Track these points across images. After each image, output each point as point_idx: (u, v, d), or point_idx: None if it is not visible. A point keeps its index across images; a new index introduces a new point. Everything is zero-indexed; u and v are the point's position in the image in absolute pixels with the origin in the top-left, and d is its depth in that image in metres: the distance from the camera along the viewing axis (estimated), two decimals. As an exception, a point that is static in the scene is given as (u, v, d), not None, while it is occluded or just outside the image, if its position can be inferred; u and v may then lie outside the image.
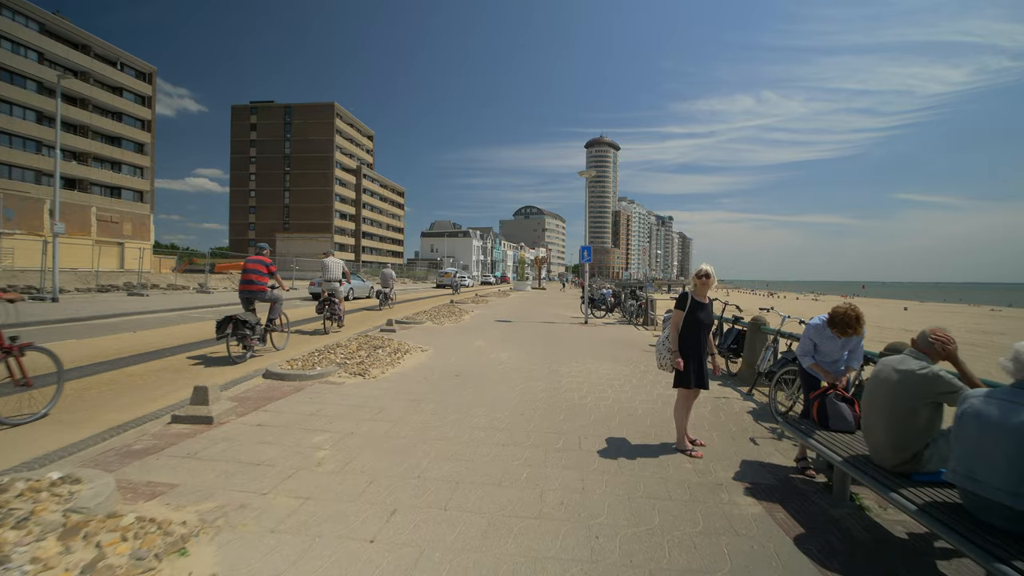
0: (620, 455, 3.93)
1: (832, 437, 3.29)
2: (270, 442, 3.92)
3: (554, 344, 10.05)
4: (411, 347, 8.53)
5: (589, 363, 7.95)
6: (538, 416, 4.91)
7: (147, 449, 3.69)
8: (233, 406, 4.61)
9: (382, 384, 6.03)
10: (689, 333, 4.04)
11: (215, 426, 4.24)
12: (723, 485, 3.42)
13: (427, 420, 4.65)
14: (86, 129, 45.77)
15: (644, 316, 14.89)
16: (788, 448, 4.27)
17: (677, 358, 3.97)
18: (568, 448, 4.04)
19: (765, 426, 4.91)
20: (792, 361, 5.17)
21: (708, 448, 4.17)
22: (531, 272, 59.57)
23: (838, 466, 2.95)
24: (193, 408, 4.35)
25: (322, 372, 6.18)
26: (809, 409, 3.68)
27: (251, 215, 77.75)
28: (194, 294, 21.61)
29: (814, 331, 3.72)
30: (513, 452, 3.90)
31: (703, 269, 4.08)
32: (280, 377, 6.00)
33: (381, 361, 7.11)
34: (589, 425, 4.68)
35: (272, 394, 5.37)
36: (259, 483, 3.17)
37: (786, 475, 3.67)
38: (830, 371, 3.76)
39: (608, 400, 5.62)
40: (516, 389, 6.00)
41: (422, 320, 13.07)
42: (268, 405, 4.94)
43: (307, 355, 7.08)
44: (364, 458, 3.66)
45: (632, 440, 4.31)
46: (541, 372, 7.09)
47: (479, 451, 3.89)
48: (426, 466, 3.55)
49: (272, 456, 3.63)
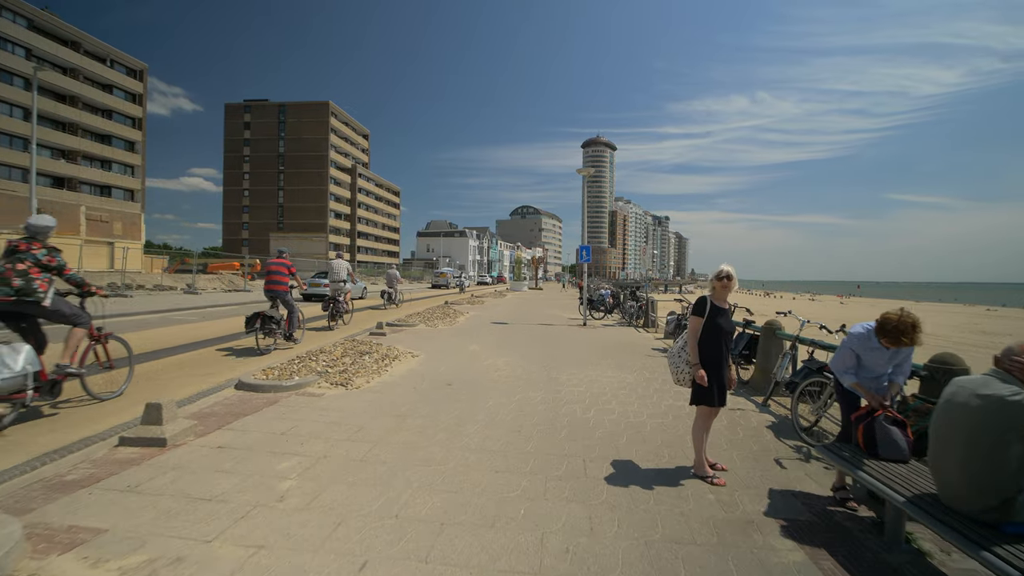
0: (631, 482, 3.43)
1: (885, 468, 2.79)
2: (228, 470, 3.39)
3: (552, 348, 9.55)
4: (401, 352, 8.00)
5: (590, 370, 7.45)
6: (537, 434, 4.41)
7: (81, 480, 3.16)
8: (192, 425, 4.08)
9: (365, 395, 5.51)
10: (710, 342, 3.54)
11: (168, 449, 3.71)
12: (754, 523, 2.93)
13: (412, 440, 4.14)
14: (75, 127, 44.89)
15: (645, 318, 14.41)
16: (819, 472, 3.79)
17: (699, 371, 3.47)
18: (571, 475, 3.53)
19: (788, 444, 4.42)
20: (817, 371, 4.68)
21: (730, 472, 3.68)
22: (528, 272, 59.09)
23: (900, 507, 2.45)
24: (144, 429, 3.82)
25: (300, 382, 5.65)
26: (850, 432, 3.19)
27: (245, 215, 76.88)
28: (181, 295, 20.99)
29: (858, 341, 3.21)
30: (509, 480, 3.40)
31: (724, 270, 3.59)
32: (253, 388, 5.47)
33: (367, 369, 6.58)
34: (594, 445, 4.18)
35: (242, 408, 4.84)
36: (205, 526, 2.65)
37: (824, 508, 3.18)
38: (871, 387, 3.27)
39: (613, 414, 5.12)
40: (512, 401, 5.50)
41: (415, 322, 12.54)
42: (234, 422, 4.41)
43: (286, 362, 6.55)
44: (335, 491, 3.14)
45: (643, 463, 3.81)
46: (539, 380, 6.59)
47: (469, 479, 3.38)
48: (407, 500, 3.04)
49: (227, 489, 3.11)
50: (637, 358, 8.71)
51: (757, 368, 6.59)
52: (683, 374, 3.70)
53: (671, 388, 6.35)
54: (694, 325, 3.58)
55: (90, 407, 4.89)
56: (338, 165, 78.34)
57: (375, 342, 8.71)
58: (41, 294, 4.36)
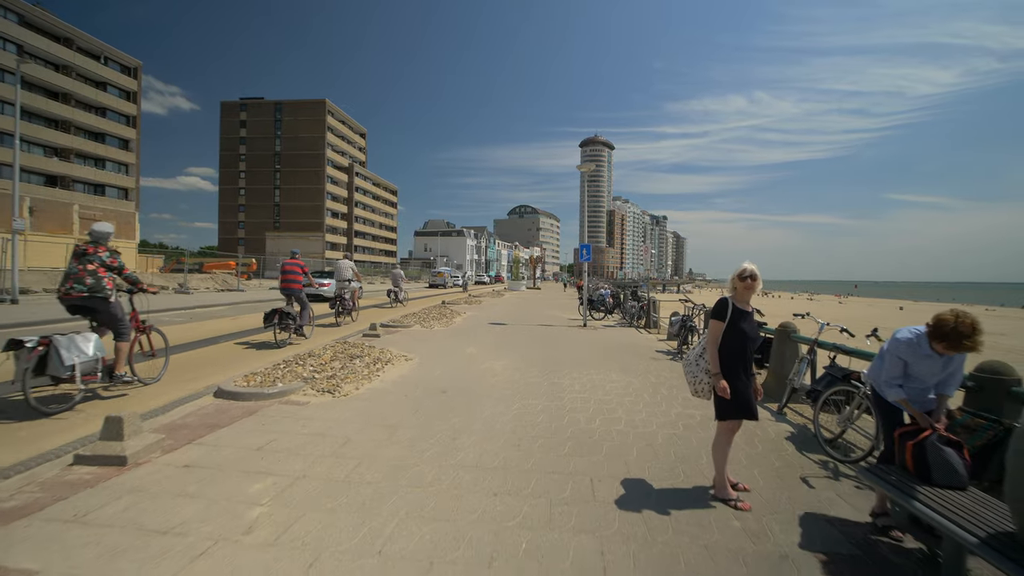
0: (645, 506, 3.06)
1: (943, 498, 2.43)
2: (192, 494, 3.01)
3: (552, 350, 9.17)
4: (394, 356, 7.62)
5: (593, 373, 7.08)
6: (538, 448, 4.03)
7: (22, 507, 2.77)
8: (158, 439, 3.69)
9: (353, 404, 5.13)
10: (733, 349, 3.17)
11: (128, 469, 3.32)
12: (790, 558, 2.56)
13: (401, 456, 3.76)
14: (68, 124, 44.31)
15: (646, 318, 14.05)
16: (851, 492, 3.42)
17: (720, 382, 3.10)
18: (578, 498, 3.16)
19: (812, 459, 4.06)
20: (842, 379, 4.33)
21: (754, 494, 3.31)
22: (526, 272, 58.68)
23: (972, 548, 2.08)
24: (102, 445, 3.43)
25: (284, 389, 5.26)
26: (896, 453, 2.81)
27: (240, 214, 76.24)
28: (173, 295, 20.54)
29: (907, 348, 2.84)
30: (508, 505, 3.02)
31: (748, 269, 3.22)
32: (233, 396, 5.08)
33: (357, 374, 6.20)
34: (601, 461, 3.80)
35: (218, 419, 4.46)
36: (153, 568, 2.27)
37: (865, 537, 2.81)
38: (916, 400, 2.90)
39: (620, 424, 4.75)
40: (511, 409, 5.12)
41: (410, 323, 12.16)
42: (207, 436, 4.02)
43: (270, 367, 6.16)
44: (311, 520, 2.76)
45: (656, 483, 3.44)
46: (540, 386, 6.22)
47: (464, 504, 3.01)
48: (392, 532, 2.66)
49: (188, 517, 2.73)
50: (641, 361, 8.35)
51: (770, 373, 6.24)
52: (702, 385, 3.33)
53: (679, 394, 5.99)
54: (714, 330, 3.20)
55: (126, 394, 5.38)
56: (335, 164, 77.75)
57: (367, 344, 8.33)
58: (108, 291, 4.99)
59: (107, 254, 5.05)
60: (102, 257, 5.00)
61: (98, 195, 46.87)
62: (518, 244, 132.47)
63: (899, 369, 2.89)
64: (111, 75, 47.62)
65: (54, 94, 43.08)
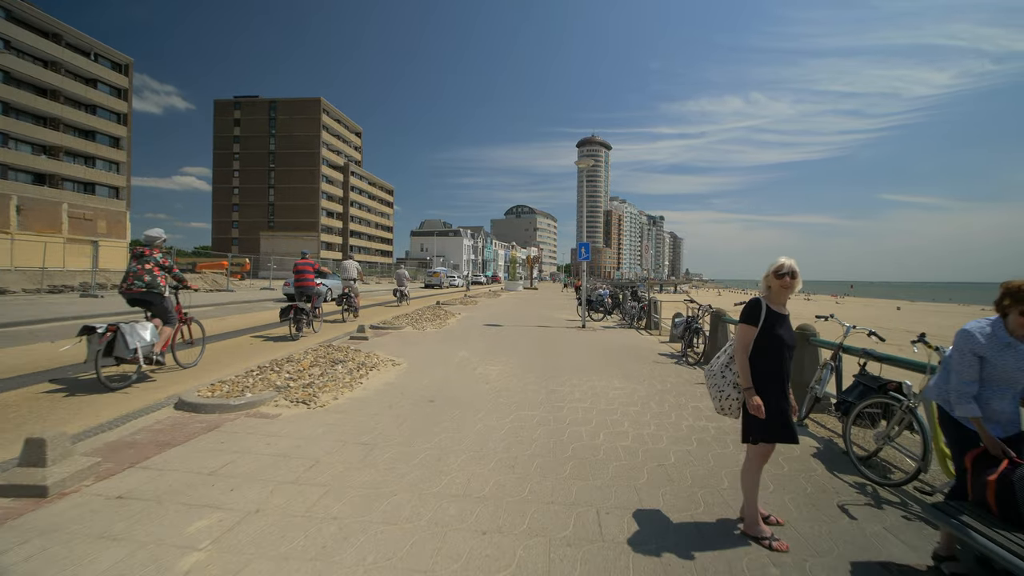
0: (664, 549, 2.55)
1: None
2: (117, 536, 2.48)
3: (550, 354, 8.67)
4: (380, 361, 7.09)
5: (594, 379, 6.58)
6: (535, 470, 3.53)
7: (-101, 557, 2.25)
8: (93, 464, 3.16)
9: (329, 416, 4.60)
10: (767, 360, 2.67)
11: (49, 501, 2.80)
12: (847, 621, 2.06)
13: (376, 482, 3.24)
14: (57, 122, 43.50)
15: (647, 319, 13.56)
16: (900, 524, 2.93)
17: (753, 398, 2.60)
18: (582, 537, 2.65)
19: (846, 480, 3.57)
20: (877, 390, 3.83)
21: (788, 528, 2.82)
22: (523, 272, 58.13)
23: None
24: (20, 473, 2.90)
25: (252, 400, 4.73)
26: (971, 486, 2.31)
27: (235, 213, 75.36)
28: (159, 295, 19.93)
29: (982, 341, 2.31)
30: (499, 547, 2.51)
31: (786, 265, 2.71)
32: (194, 408, 4.55)
33: (337, 381, 5.67)
34: (607, 486, 3.30)
35: (173, 436, 3.93)
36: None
37: (931, 589, 2.32)
38: (995, 410, 2.38)
39: (627, 438, 4.25)
40: (505, 422, 4.61)
41: (401, 324, 11.62)
42: (154, 457, 3.50)
43: (241, 375, 5.63)
44: (256, 570, 2.24)
45: (674, 515, 2.93)
46: (537, 394, 5.71)
47: (446, 548, 2.49)
48: (354, 588, 2.15)
49: (103, 569, 2.21)
50: (644, 365, 7.86)
51: (787, 379, 5.74)
52: (729, 401, 2.82)
53: (689, 403, 5.50)
54: (745, 337, 2.69)
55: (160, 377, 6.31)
56: (330, 163, 76.97)
57: (352, 348, 7.79)
58: (162, 288, 5.75)
59: (160, 255, 5.85)
60: (156, 258, 5.79)
61: (88, 194, 46.04)
62: (515, 244, 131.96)
63: (974, 370, 2.37)
64: (101, 72, 46.81)
65: (42, 90, 42.29)
